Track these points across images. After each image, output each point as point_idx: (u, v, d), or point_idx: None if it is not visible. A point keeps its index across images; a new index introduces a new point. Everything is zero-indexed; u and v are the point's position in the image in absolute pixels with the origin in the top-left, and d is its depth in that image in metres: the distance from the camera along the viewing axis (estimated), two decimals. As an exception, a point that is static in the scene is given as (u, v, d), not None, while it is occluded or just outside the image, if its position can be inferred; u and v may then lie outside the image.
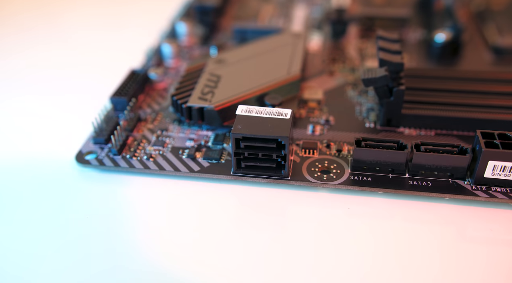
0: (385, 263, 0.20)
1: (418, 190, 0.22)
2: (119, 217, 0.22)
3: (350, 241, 0.21)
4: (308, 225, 0.21)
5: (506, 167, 0.21)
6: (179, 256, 0.20)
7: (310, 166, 0.23)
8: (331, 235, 0.21)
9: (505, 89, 0.27)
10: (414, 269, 0.19)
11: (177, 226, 0.21)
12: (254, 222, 0.22)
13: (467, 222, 0.21)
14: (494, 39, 0.33)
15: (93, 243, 0.21)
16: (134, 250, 0.20)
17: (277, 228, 0.21)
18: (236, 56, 0.29)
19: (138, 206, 0.22)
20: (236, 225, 0.22)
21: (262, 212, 0.22)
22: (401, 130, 0.26)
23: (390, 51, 0.26)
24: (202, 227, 0.21)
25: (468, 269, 0.19)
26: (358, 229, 0.21)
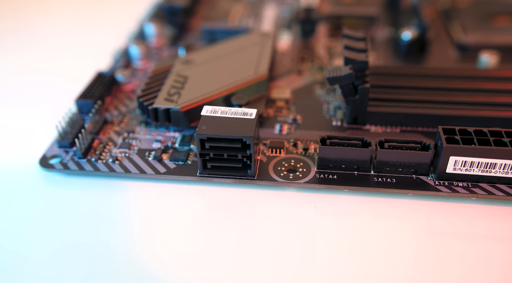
0: (353, 259, 0.20)
1: (383, 187, 0.22)
2: (84, 221, 0.21)
3: (317, 239, 0.21)
4: (275, 224, 0.21)
5: (466, 162, 0.21)
6: (146, 258, 0.20)
7: (277, 165, 0.23)
8: (298, 234, 0.21)
9: (468, 85, 0.27)
10: (382, 264, 0.20)
11: (144, 228, 0.21)
12: (222, 222, 0.22)
13: (431, 217, 0.22)
14: (458, 36, 0.33)
15: (57, 248, 0.20)
16: (101, 254, 0.20)
17: (245, 228, 0.21)
18: (203, 56, 0.29)
19: (104, 209, 0.22)
20: (203, 226, 0.21)
21: (229, 212, 0.22)
22: (367, 128, 0.26)
23: (355, 50, 0.26)
24: (169, 228, 0.21)
25: (433, 263, 0.19)
26: (325, 226, 0.21)
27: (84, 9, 0.43)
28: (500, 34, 0.33)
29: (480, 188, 0.22)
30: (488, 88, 0.27)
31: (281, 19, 0.38)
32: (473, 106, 0.26)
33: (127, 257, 0.20)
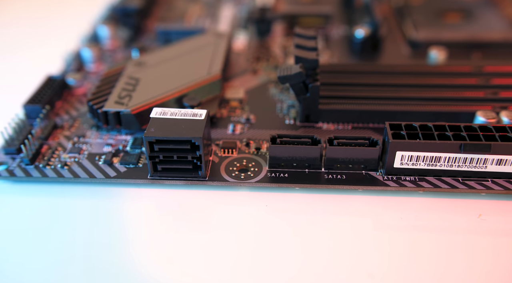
0: (307, 257, 0.20)
1: (334, 184, 0.22)
2: (32, 230, 0.21)
3: (271, 237, 0.21)
4: (228, 224, 0.21)
5: (412, 156, 0.22)
6: (98, 264, 0.20)
7: (229, 165, 0.23)
8: (251, 233, 0.21)
9: (417, 81, 0.28)
10: (337, 260, 0.20)
11: (94, 234, 0.21)
12: (174, 224, 0.21)
13: (381, 212, 0.22)
14: (410, 33, 0.34)
15: (5, 258, 0.20)
16: (50, 261, 0.20)
17: (198, 229, 0.21)
18: (156, 58, 0.29)
19: (52, 216, 0.22)
20: (156, 229, 0.21)
21: (181, 214, 0.22)
22: (320, 125, 0.26)
23: (306, 48, 0.27)
24: (121, 232, 0.21)
25: (385, 257, 0.20)
26: (278, 225, 0.21)
27: (35, 11, 0.42)
28: (450, 30, 0.34)
29: (426, 181, 0.22)
30: (437, 84, 0.27)
31: (237, 19, 0.38)
32: (422, 102, 0.26)
33: (77, 264, 0.20)
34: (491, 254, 0.20)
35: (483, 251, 0.20)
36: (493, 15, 0.35)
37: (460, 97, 0.26)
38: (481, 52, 0.32)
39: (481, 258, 0.20)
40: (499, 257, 0.20)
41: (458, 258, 0.20)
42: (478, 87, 0.27)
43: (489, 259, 0.20)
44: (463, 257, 0.20)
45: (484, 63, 0.30)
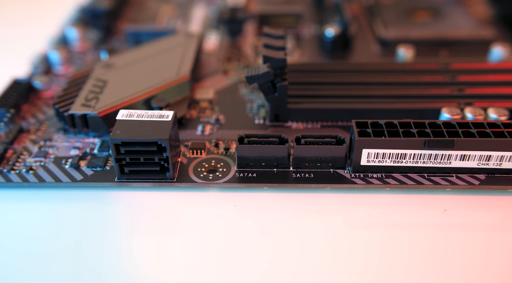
0: (277, 255, 0.20)
1: (302, 182, 0.22)
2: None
3: (238, 238, 0.21)
4: (197, 225, 0.21)
5: (379, 153, 0.22)
6: (66, 270, 0.19)
7: (197, 166, 0.23)
8: (219, 234, 0.21)
9: (386, 79, 0.28)
10: (307, 258, 0.20)
11: (61, 239, 0.21)
12: (143, 226, 0.21)
13: (348, 210, 0.22)
14: (380, 32, 0.34)
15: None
16: (13, 268, 0.19)
17: (167, 231, 0.21)
18: (125, 59, 0.29)
19: (17, 222, 0.21)
20: (124, 232, 0.21)
21: (150, 217, 0.22)
22: (289, 124, 0.26)
23: (274, 48, 0.27)
24: (89, 237, 0.21)
25: (354, 254, 0.20)
26: (245, 225, 0.21)
27: (0, 13, 0.42)
28: (418, 28, 0.34)
29: (393, 178, 0.22)
30: (405, 81, 0.28)
31: (209, 19, 0.38)
32: (390, 99, 0.27)
33: (43, 270, 0.19)
34: (455, 248, 0.20)
35: (448, 246, 0.20)
36: (460, 14, 0.36)
37: (427, 94, 0.27)
38: (448, 50, 0.33)
39: (446, 252, 0.20)
40: (464, 251, 0.20)
41: (424, 253, 0.20)
42: (444, 84, 0.27)
43: (454, 253, 0.20)
44: (428, 252, 0.20)
45: (451, 61, 0.31)
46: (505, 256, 0.20)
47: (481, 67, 0.29)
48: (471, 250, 0.20)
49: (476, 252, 0.20)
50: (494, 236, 0.21)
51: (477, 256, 0.20)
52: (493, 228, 0.21)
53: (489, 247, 0.20)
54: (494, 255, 0.20)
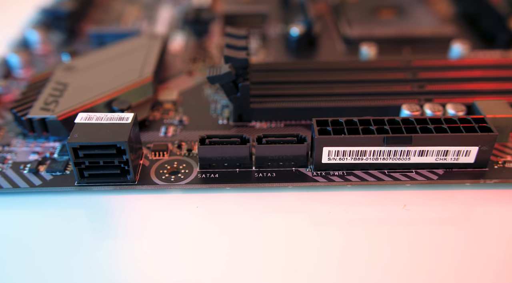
0: (240, 256, 0.20)
1: (264, 182, 0.23)
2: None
3: (201, 239, 0.21)
4: (158, 228, 0.21)
5: (339, 151, 0.22)
6: (31, 275, 0.19)
7: (159, 168, 0.23)
8: (181, 236, 0.21)
9: (348, 77, 0.28)
10: (272, 257, 0.20)
11: (21, 246, 0.20)
12: (105, 230, 0.21)
13: (311, 208, 0.22)
14: (344, 30, 0.35)
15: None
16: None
17: (128, 234, 0.21)
18: (86, 62, 0.28)
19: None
20: (86, 236, 0.21)
21: (111, 220, 0.22)
22: (253, 124, 0.26)
23: (236, 48, 0.27)
24: (51, 243, 0.20)
25: (319, 252, 0.20)
26: (208, 226, 0.21)
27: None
28: (382, 27, 0.34)
29: (354, 175, 0.23)
30: (367, 79, 0.28)
31: (176, 20, 0.38)
32: (352, 97, 0.27)
33: (3, 277, 0.19)
34: (416, 243, 0.20)
35: (409, 240, 0.21)
36: (423, 12, 0.37)
37: (388, 91, 0.27)
38: (411, 47, 0.33)
39: (407, 247, 0.20)
40: (424, 245, 0.20)
41: (386, 248, 0.20)
42: (406, 82, 0.28)
43: (414, 247, 0.20)
44: (390, 246, 0.20)
45: (413, 58, 0.31)
46: (465, 249, 0.20)
47: (442, 64, 0.29)
48: (431, 244, 0.20)
49: (436, 246, 0.20)
50: (453, 230, 0.21)
51: (437, 249, 0.20)
52: (452, 221, 0.21)
53: (448, 240, 0.21)
54: (454, 248, 0.20)
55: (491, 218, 0.21)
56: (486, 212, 0.22)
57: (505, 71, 0.28)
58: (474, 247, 0.20)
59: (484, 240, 0.20)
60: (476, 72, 0.28)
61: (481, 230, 0.21)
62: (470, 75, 0.28)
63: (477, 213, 0.22)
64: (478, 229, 0.21)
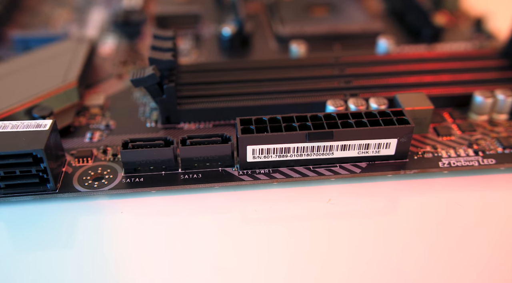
0: (169, 260, 0.20)
1: (190, 183, 0.22)
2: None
3: (127, 244, 0.20)
4: (82, 236, 0.21)
5: (263, 149, 0.22)
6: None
7: (83, 174, 0.23)
8: (106, 242, 0.20)
9: (278, 75, 0.28)
10: (202, 259, 0.20)
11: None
12: (27, 242, 0.20)
13: (237, 207, 0.22)
14: (277, 28, 0.35)
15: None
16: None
17: (52, 244, 0.20)
18: (8, 68, 0.27)
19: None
20: (8, 249, 0.20)
21: (34, 231, 0.21)
22: (181, 126, 0.26)
23: (162, 49, 0.26)
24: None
25: (251, 250, 0.20)
26: (134, 231, 0.21)
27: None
28: (313, 24, 0.35)
29: (280, 172, 0.23)
30: (296, 76, 0.28)
31: (107, 23, 0.37)
32: (281, 95, 0.27)
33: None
34: (343, 236, 0.21)
35: (336, 234, 0.21)
36: (354, 8, 0.37)
37: (316, 88, 0.27)
38: (341, 44, 0.34)
39: (334, 240, 0.21)
40: (351, 238, 0.21)
41: (313, 243, 0.20)
42: (333, 78, 0.28)
43: (341, 240, 0.21)
44: (317, 241, 0.20)
45: (343, 54, 0.32)
46: (391, 239, 0.21)
47: (368, 59, 0.30)
48: (358, 236, 0.21)
49: (363, 238, 0.21)
50: (379, 220, 0.22)
51: (363, 241, 0.21)
52: (376, 212, 0.22)
53: (375, 231, 0.21)
54: (380, 239, 0.21)
55: (414, 207, 0.22)
56: (409, 202, 0.22)
57: (426, 65, 0.29)
58: (402, 236, 0.21)
59: (410, 228, 0.21)
60: (401, 67, 0.29)
61: (405, 219, 0.21)
62: (395, 69, 0.29)
63: (400, 203, 0.23)
64: (402, 218, 0.22)
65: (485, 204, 0.22)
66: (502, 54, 0.30)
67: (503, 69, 0.29)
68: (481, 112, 0.26)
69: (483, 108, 0.26)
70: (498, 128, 0.25)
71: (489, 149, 0.24)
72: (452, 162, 0.23)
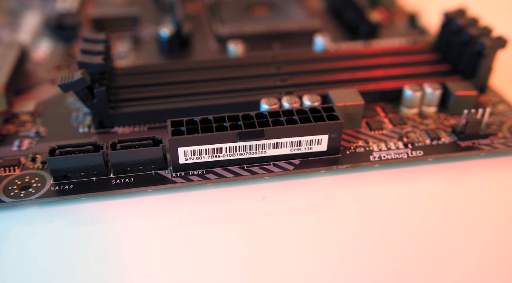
0: (104, 268, 0.19)
1: (122, 188, 0.22)
2: None
3: (57, 255, 0.20)
4: (9, 248, 0.20)
5: (194, 150, 0.22)
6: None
7: (8, 184, 0.22)
8: (34, 254, 0.20)
9: (215, 75, 0.28)
10: (137, 263, 0.19)
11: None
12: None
13: (170, 210, 0.22)
14: (216, 28, 0.35)
15: None
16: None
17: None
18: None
19: None
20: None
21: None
22: (115, 130, 0.26)
23: (92, 53, 0.26)
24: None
25: (187, 253, 0.20)
26: (65, 240, 0.20)
27: None
28: (253, 23, 0.35)
29: (213, 173, 0.23)
30: (233, 76, 0.28)
31: (41, 26, 0.36)
32: (217, 95, 0.27)
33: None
34: (277, 233, 0.21)
35: (270, 231, 0.21)
36: (294, 7, 0.38)
37: (252, 87, 0.27)
38: (280, 42, 0.34)
39: (269, 239, 0.21)
40: (285, 235, 0.21)
41: (251, 243, 0.20)
42: (269, 76, 0.28)
43: (275, 238, 0.21)
44: (252, 240, 0.21)
45: (281, 53, 0.32)
46: (328, 233, 0.21)
47: (305, 57, 0.30)
48: (294, 232, 0.21)
49: (299, 234, 0.21)
50: (313, 216, 0.22)
51: (300, 237, 0.21)
52: (310, 208, 0.22)
53: (309, 228, 0.21)
54: (316, 233, 0.21)
55: (347, 201, 0.22)
56: (342, 196, 0.23)
57: (361, 61, 0.30)
58: (340, 231, 0.21)
59: (347, 223, 0.21)
60: (336, 63, 0.29)
61: (336, 214, 0.22)
62: (330, 66, 0.29)
63: (332, 198, 0.23)
64: (333, 213, 0.22)
65: (414, 195, 0.23)
66: (433, 49, 0.31)
67: (433, 63, 0.30)
68: (411, 106, 0.27)
69: (413, 102, 0.26)
70: (427, 121, 0.26)
71: (418, 141, 0.25)
72: (383, 155, 0.24)
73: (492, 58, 0.27)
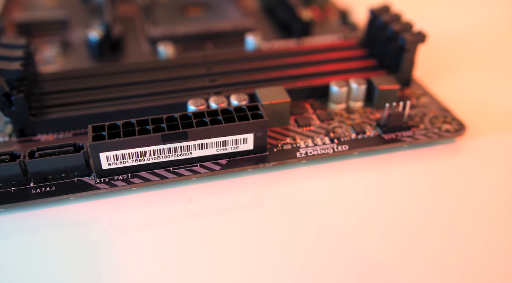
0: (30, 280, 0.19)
1: (43, 197, 0.21)
2: None
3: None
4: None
5: (117, 155, 0.22)
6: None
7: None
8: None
9: (143, 78, 0.28)
10: (63, 274, 0.19)
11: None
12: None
13: (95, 217, 0.21)
14: (149, 30, 0.34)
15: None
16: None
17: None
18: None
19: None
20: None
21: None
22: (38, 137, 0.25)
23: (10, 59, 0.25)
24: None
25: (115, 260, 0.20)
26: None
27: None
28: (186, 24, 0.35)
29: (138, 177, 0.22)
30: (162, 78, 0.28)
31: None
32: (144, 98, 0.26)
33: None
34: (207, 234, 0.21)
35: (199, 233, 0.21)
36: (229, 7, 0.38)
37: (181, 88, 0.27)
38: (213, 43, 0.34)
39: (199, 239, 0.20)
40: (215, 236, 0.21)
41: (178, 245, 0.20)
42: (199, 77, 0.28)
43: (205, 239, 0.21)
44: (180, 243, 0.20)
45: (213, 53, 0.32)
46: (257, 231, 0.21)
47: (236, 56, 0.30)
48: (224, 232, 0.21)
49: (228, 234, 0.21)
50: (244, 215, 0.22)
51: (229, 238, 0.21)
52: (241, 207, 0.22)
53: (239, 226, 0.21)
54: (246, 232, 0.21)
55: (275, 199, 0.23)
56: (270, 194, 0.23)
57: (291, 59, 0.30)
58: (270, 229, 0.21)
59: (276, 220, 0.21)
60: (267, 62, 0.30)
61: (269, 212, 0.22)
62: (260, 65, 0.29)
63: (259, 196, 0.23)
64: (266, 211, 0.22)
65: (340, 189, 0.23)
66: (362, 44, 0.32)
67: (362, 58, 0.30)
68: (338, 101, 0.27)
69: (340, 97, 0.27)
70: (354, 116, 0.27)
71: (344, 135, 0.25)
72: (309, 151, 0.24)
73: (413, 52, 0.28)
